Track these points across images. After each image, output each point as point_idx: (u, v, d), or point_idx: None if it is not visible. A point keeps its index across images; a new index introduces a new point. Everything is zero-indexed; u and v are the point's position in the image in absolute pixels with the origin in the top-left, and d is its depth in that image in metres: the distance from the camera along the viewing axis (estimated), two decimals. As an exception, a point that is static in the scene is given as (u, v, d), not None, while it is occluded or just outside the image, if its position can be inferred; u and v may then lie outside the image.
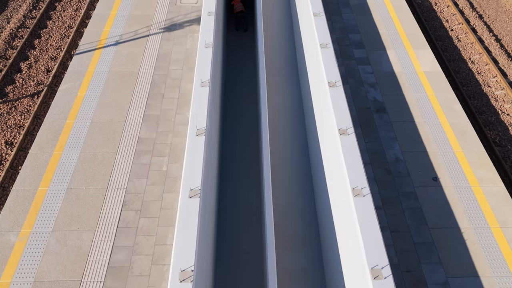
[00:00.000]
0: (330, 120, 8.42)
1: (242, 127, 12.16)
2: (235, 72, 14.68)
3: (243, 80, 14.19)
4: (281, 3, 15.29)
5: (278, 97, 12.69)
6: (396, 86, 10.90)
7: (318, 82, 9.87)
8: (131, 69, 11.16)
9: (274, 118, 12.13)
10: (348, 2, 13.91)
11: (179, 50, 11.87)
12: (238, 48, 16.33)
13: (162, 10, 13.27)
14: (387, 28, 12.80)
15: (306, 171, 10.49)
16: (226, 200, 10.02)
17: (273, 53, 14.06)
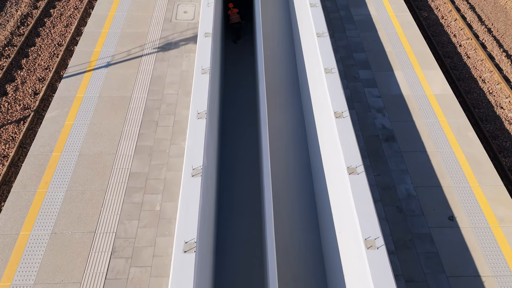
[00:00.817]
0: (338, 157, 7.75)
1: (241, 152, 11.49)
2: (233, 87, 14.05)
3: (242, 96, 13.53)
4: (282, 20, 14.65)
5: (279, 119, 12.03)
6: (405, 111, 10.24)
7: (323, 111, 9.20)
8: (123, 93, 10.47)
9: (275, 141, 11.47)
10: (352, 18, 13.25)
11: (174, 72, 11.19)
12: (237, 62, 15.71)
13: (156, 28, 12.59)
14: (394, 46, 12.14)
15: (310, 209, 9.81)
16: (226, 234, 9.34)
17: (274, 72, 13.40)
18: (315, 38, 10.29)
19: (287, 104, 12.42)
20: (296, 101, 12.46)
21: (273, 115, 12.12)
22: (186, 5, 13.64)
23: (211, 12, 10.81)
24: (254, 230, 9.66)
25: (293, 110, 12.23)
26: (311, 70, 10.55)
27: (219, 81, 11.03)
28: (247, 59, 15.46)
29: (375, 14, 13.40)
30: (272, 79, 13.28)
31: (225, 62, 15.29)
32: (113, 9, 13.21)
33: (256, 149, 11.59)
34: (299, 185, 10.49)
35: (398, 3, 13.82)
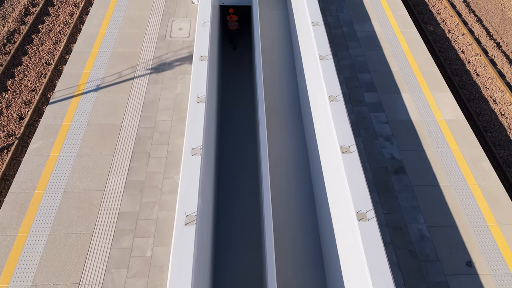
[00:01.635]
0: (346, 200, 7.08)
1: (240, 173, 10.80)
2: (232, 102, 13.37)
3: (241, 113, 12.85)
4: (282, 35, 13.99)
5: (279, 142, 11.35)
6: (415, 139, 9.58)
7: (328, 144, 8.53)
8: (113, 121, 9.79)
9: (275, 166, 10.79)
10: (355, 35, 12.60)
11: (168, 96, 10.51)
12: (236, 75, 15.04)
13: (150, 46, 11.91)
14: (401, 66, 11.49)
15: (314, 246, 9.13)
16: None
17: (274, 91, 12.73)
18: (317, 61, 9.63)
19: (287, 126, 11.75)
20: (297, 123, 11.79)
21: (273, 137, 11.46)
22: (181, 21, 12.98)
23: (207, 33, 10.14)
24: (256, 270, 8.98)
25: (294, 133, 11.56)
26: (314, 96, 9.88)
27: (215, 108, 10.35)
28: (246, 73, 14.80)
29: (379, 30, 12.76)
30: (271, 99, 12.61)
31: (222, 75, 14.63)
32: (104, 26, 12.53)
33: (256, 174, 10.91)
34: (301, 216, 9.83)
35: (403, 18, 13.18)
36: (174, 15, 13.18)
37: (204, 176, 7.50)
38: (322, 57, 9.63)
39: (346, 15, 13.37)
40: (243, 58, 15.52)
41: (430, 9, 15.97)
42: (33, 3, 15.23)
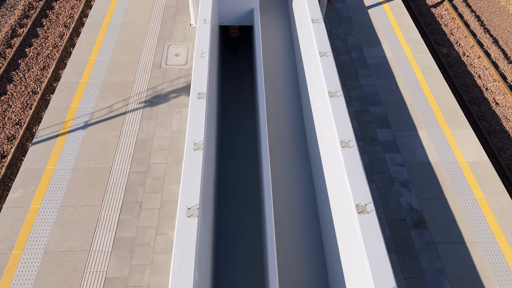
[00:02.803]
0: (362, 265, 6.20)
1: (241, 223, 9.90)
2: (231, 131, 12.50)
3: (242, 144, 11.97)
4: (286, 61, 13.09)
5: (284, 179, 10.44)
6: (435, 186, 8.67)
7: (340, 200, 7.64)
8: (102, 164, 8.88)
9: (279, 209, 9.88)
10: (365, 61, 11.70)
11: (163, 134, 9.61)
12: (235, 100, 14.19)
13: (144, 76, 11.01)
14: (416, 98, 10.59)
15: None
16: None
17: (277, 121, 11.82)
18: (327, 99, 8.74)
19: (293, 163, 10.85)
20: (304, 159, 10.88)
21: (277, 175, 10.55)
22: (178, 46, 12.09)
23: (205, 65, 9.23)
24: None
25: (300, 171, 10.66)
26: (323, 137, 8.97)
27: (214, 155, 9.43)
28: (246, 95, 13.96)
29: (391, 56, 11.86)
30: (275, 130, 11.70)
31: (222, 100, 13.76)
32: (94, 53, 11.63)
33: (258, 221, 10.00)
34: (309, 266, 8.95)
35: (416, 41, 12.29)
36: (171, 39, 12.29)
37: (201, 241, 6.59)
38: (332, 93, 8.74)
39: (354, 39, 12.49)
40: (243, 79, 14.66)
41: (442, 29, 15.09)
42: (20, 23, 14.34)
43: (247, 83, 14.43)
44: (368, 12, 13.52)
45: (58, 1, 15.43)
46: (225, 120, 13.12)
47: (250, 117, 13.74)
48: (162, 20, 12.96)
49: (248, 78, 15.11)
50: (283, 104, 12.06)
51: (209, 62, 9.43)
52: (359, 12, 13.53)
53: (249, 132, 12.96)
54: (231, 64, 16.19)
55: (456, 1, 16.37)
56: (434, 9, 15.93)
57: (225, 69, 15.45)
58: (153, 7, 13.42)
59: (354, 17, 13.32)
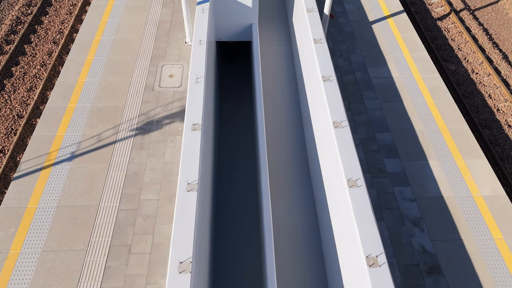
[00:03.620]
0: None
1: (239, 255, 9.23)
2: (229, 157, 11.87)
3: (240, 167, 11.33)
4: (286, 79, 12.44)
5: (285, 210, 9.78)
6: (449, 224, 8.02)
7: (351, 256, 7.00)
8: (88, 201, 8.21)
9: (279, 239, 9.22)
10: (370, 82, 11.06)
11: (155, 166, 8.94)
12: (234, 116, 13.57)
13: (135, 100, 10.34)
14: (425, 123, 9.94)
15: None
16: None
17: (277, 145, 11.17)
18: (331, 130, 8.08)
19: (293, 193, 10.20)
20: (306, 189, 10.23)
21: (278, 205, 9.90)
22: (172, 66, 11.43)
23: (200, 92, 8.56)
24: None
25: (301, 202, 10.01)
26: (327, 172, 8.31)
27: (210, 191, 8.75)
28: (245, 111, 13.35)
29: (397, 76, 11.22)
30: (275, 153, 11.04)
31: (220, 123, 13.14)
32: (83, 74, 10.97)
33: (258, 253, 9.33)
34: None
35: (424, 60, 11.65)
36: (164, 58, 11.63)
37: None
38: (337, 123, 8.09)
39: (359, 57, 11.84)
40: (243, 95, 14.04)
41: (450, 43, 14.45)
42: (7, 39, 13.66)
43: (246, 99, 13.83)
44: (372, 27, 12.89)
45: (48, 15, 14.77)
46: (223, 141, 12.49)
47: (249, 136, 13.12)
48: (156, 37, 12.31)
49: (247, 93, 14.51)
50: (284, 126, 11.41)
51: (204, 88, 8.76)
52: (363, 27, 12.89)
53: (249, 153, 12.33)
54: (229, 79, 15.59)
55: (462, 14, 15.75)
56: (440, 22, 15.31)
57: (223, 84, 14.85)
58: (146, 23, 12.77)
59: (358, 33, 12.68)
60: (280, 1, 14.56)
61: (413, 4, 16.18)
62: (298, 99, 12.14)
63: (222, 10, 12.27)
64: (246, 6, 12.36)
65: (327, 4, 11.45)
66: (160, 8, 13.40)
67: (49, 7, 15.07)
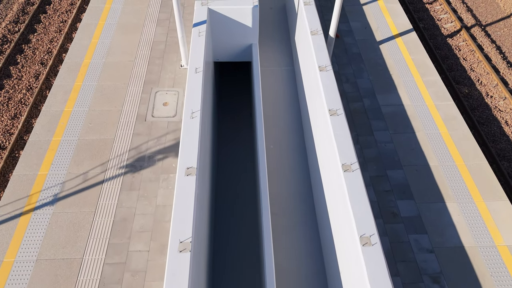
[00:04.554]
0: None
1: None
2: (227, 187, 11.10)
3: (239, 200, 10.54)
4: (289, 103, 11.64)
5: (288, 252, 8.96)
6: (473, 279, 7.21)
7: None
8: (71, 254, 7.40)
9: None
10: (379, 110, 10.27)
11: (146, 210, 8.14)
12: (233, 139, 12.81)
13: (126, 132, 9.55)
14: (441, 159, 9.15)
15: None
16: None
17: (279, 179, 10.36)
18: (341, 173, 7.28)
19: (298, 230, 9.42)
20: (311, 228, 9.44)
21: (280, 245, 9.10)
22: (167, 93, 10.63)
23: (195, 130, 7.75)
24: None
25: (307, 242, 9.21)
26: (335, 217, 7.51)
27: (206, 249, 7.94)
28: (245, 134, 12.60)
29: (409, 104, 10.43)
30: (277, 187, 10.24)
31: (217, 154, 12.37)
32: (70, 102, 10.18)
33: None
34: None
35: (436, 85, 10.86)
36: (158, 84, 10.84)
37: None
38: (347, 166, 7.30)
39: (366, 82, 11.05)
40: (242, 115, 13.28)
41: (462, 63, 13.66)
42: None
43: (246, 119, 13.08)
44: (380, 48, 12.10)
45: (36, 33, 13.97)
46: (221, 168, 11.71)
47: (249, 162, 12.34)
48: (149, 59, 11.52)
49: (247, 111, 13.76)
50: (286, 155, 10.59)
51: (200, 124, 7.95)
52: (370, 48, 12.11)
53: (249, 181, 11.57)
54: (228, 97, 14.84)
55: (474, 30, 14.96)
56: (451, 39, 14.52)
57: (222, 102, 14.11)
58: (140, 44, 11.98)
59: (365, 54, 11.90)
60: (281, 19, 13.80)
61: (421, 20, 15.40)
62: (302, 125, 11.34)
63: (220, 31, 11.50)
64: (246, 26, 11.57)
65: (332, 24, 10.67)
66: (154, 27, 12.62)
67: (37, 24, 14.29)
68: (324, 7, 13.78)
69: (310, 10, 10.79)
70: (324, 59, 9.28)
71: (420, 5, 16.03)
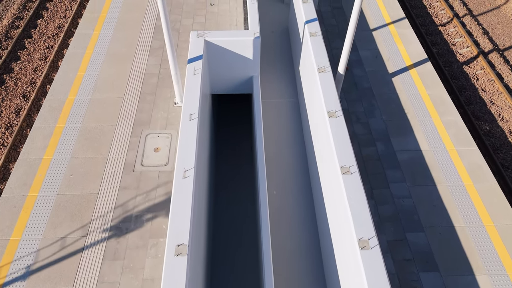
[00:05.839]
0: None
1: None
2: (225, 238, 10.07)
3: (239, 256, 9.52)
4: (293, 139, 10.58)
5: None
6: None
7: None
8: None
9: None
10: (394, 157, 9.22)
11: (130, 285, 7.08)
12: (232, 178, 11.82)
13: (112, 185, 8.50)
14: (468, 219, 8.09)
15: None
16: None
17: (283, 229, 9.30)
18: (357, 251, 6.24)
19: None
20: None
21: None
22: (158, 135, 9.59)
23: (188, 195, 6.68)
24: None
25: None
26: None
27: None
28: (245, 171, 11.59)
29: (427, 149, 9.38)
30: (282, 240, 9.18)
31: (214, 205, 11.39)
32: (50, 149, 9.13)
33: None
34: None
35: (457, 127, 9.82)
36: (149, 124, 9.80)
37: None
38: (363, 244, 6.26)
39: (379, 122, 10.00)
40: (241, 158, 12.31)
41: (480, 95, 12.61)
42: (-30, 94, 11.82)
43: (247, 153, 12.09)
44: (393, 81, 11.06)
45: (19, 61, 12.92)
46: (218, 216, 10.68)
47: (250, 205, 11.31)
48: (140, 95, 10.48)
49: (248, 145, 12.77)
50: (291, 203, 9.52)
51: (194, 185, 6.89)
52: (381, 81, 11.07)
53: (250, 232, 10.57)
54: (226, 126, 13.86)
55: (491, 56, 13.92)
56: (467, 67, 13.47)
57: (220, 133, 13.12)
58: (130, 77, 10.94)
59: (376, 89, 10.85)
60: (284, 43, 12.75)
61: (435, 44, 14.36)
62: (307, 168, 10.27)
63: (218, 64, 10.47)
64: (247, 58, 10.53)
65: (342, 60, 9.62)
66: (146, 57, 11.58)
67: (21, 51, 13.25)
68: (331, 33, 12.75)
69: (317, 42, 9.75)
70: (333, 104, 8.22)
71: (433, 28, 14.99)
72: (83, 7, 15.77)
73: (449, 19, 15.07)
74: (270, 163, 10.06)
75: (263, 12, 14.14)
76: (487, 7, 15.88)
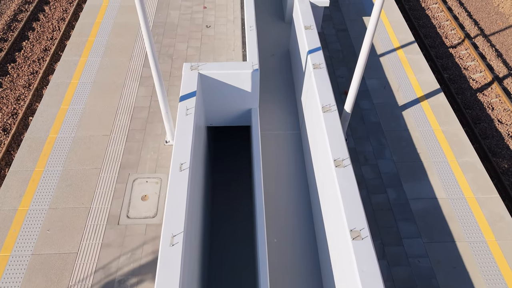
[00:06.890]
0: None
1: None
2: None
3: None
4: (296, 176, 9.67)
5: None
6: None
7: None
8: None
9: None
10: (407, 206, 8.32)
11: None
12: (230, 217, 11.05)
13: (93, 242, 7.61)
14: (492, 283, 7.20)
15: None
16: None
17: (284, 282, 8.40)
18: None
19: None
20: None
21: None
22: (147, 181, 8.70)
23: (177, 258, 5.77)
24: None
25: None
26: None
27: None
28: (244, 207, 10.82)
29: (443, 197, 8.49)
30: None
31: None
32: (26, 198, 8.25)
33: None
34: None
35: (476, 170, 8.94)
36: (137, 167, 8.91)
37: None
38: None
39: (389, 164, 9.12)
40: (238, 193, 11.55)
41: (497, 127, 11.71)
42: None
43: (245, 187, 11.30)
44: (403, 115, 10.19)
45: (1, 89, 12.05)
46: (215, 256, 9.86)
47: (249, 247, 10.51)
48: (128, 133, 9.60)
49: (246, 177, 12.01)
50: (294, 253, 8.60)
51: (183, 251, 5.97)
52: (391, 115, 10.19)
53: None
54: (223, 154, 13.09)
55: (507, 82, 13.02)
56: (482, 95, 12.58)
57: (216, 163, 12.32)
58: (118, 111, 10.07)
59: (386, 124, 9.98)
60: (284, 67, 11.89)
61: (446, 69, 13.47)
62: (311, 209, 9.36)
63: (213, 98, 9.63)
64: (245, 91, 9.68)
65: (349, 100, 8.75)
66: (136, 87, 10.71)
67: (3, 77, 12.37)
68: (335, 59, 11.88)
69: (321, 76, 8.87)
70: (340, 152, 7.32)
71: (443, 50, 14.11)
72: (71, 27, 14.91)
73: (460, 40, 14.20)
74: (269, 199, 9.17)
75: (263, 32, 13.28)
76: (500, 27, 15.02)
